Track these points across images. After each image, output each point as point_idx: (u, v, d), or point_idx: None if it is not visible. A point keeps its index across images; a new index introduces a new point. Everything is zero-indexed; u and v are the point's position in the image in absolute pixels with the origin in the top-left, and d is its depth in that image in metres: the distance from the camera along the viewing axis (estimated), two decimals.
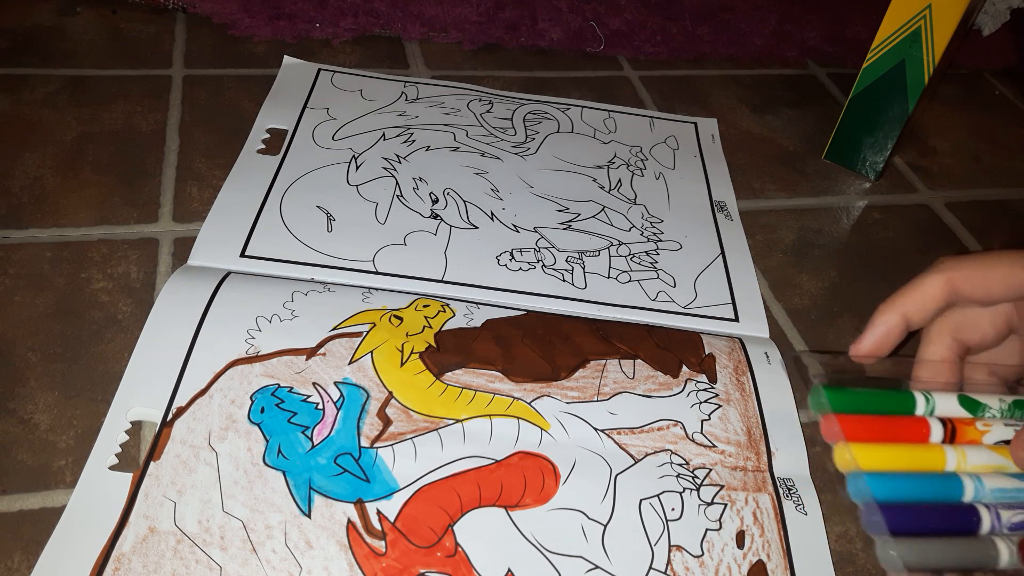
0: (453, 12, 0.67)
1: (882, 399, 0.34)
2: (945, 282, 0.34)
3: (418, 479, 0.36)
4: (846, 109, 0.59)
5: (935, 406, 0.34)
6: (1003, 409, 0.34)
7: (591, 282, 0.48)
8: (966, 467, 0.33)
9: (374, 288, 0.45)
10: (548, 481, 0.37)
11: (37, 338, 0.41)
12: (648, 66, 0.69)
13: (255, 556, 0.33)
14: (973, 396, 0.34)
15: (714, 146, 0.61)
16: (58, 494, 0.35)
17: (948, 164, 0.65)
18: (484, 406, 0.39)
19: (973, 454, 0.33)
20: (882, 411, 0.34)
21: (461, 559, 0.34)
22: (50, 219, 0.47)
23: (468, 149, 0.56)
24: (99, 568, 0.32)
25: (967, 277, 0.34)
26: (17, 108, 0.54)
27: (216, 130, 0.54)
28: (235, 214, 0.48)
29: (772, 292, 0.51)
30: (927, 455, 0.33)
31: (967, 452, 0.33)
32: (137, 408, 0.37)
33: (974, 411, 0.34)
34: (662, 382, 0.42)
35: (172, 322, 0.40)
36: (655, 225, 0.53)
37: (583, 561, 0.34)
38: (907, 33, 0.54)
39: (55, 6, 0.63)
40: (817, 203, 0.58)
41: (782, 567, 0.36)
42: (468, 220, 0.50)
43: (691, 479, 0.38)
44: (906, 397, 0.34)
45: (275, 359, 0.39)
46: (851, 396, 0.33)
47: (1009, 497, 0.32)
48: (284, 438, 0.36)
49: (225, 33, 0.63)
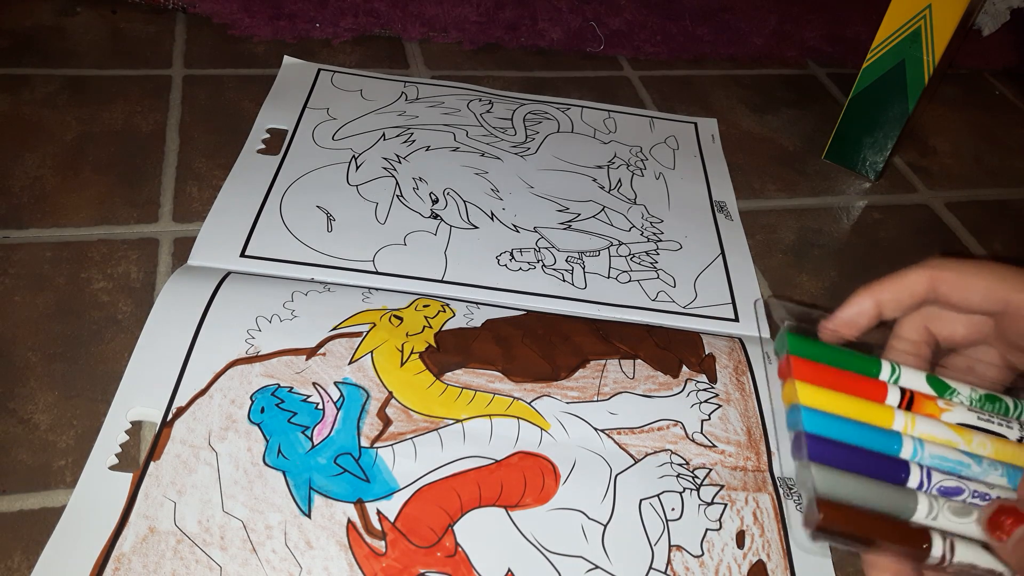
0: (453, 12, 0.67)
1: (847, 357, 0.34)
2: (927, 279, 0.34)
3: (418, 479, 0.36)
4: (846, 109, 0.59)
5: (900, 376, 0.33)
6: (973, 398, 0.34)
7: (591, 282, 0.48)
8: (912, 432, 0.32)
9: (374, 288, 0.45)
10: (548, 481, 0.37)
11: (37, 338, 0.41)
12: (648, 66, 0.69)
13: (255, 556, 0.33)
14: (944, 379, 0.33)
15: (714, 146, 0.61)
16: (58, 494, 0.35)
17: (948, 164, 0.65)
18: (484, 406, 0.39)
19: (924, 424, 0.32)
20: (844, 367, 0.33)
21: (461, 559, 0.34)
22: (50, 219, 0.47)
23: (468, 149, 0.56)
24: (99, 568, 0.32)
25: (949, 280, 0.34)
26: (17, 108, 0.54)
27: (216, 130, 0.54)
28: (235, 214, 0.48)
29: (772, 292, 0.51)
30: (874, 411, 0.32)
31: (917, 420, 0.32)
32: (137, 408, 0.37)
33: (941, 392, 0.33)
34: (662, 382, 0.42)
35: (172, 322, 0.40)
36: (655, 225, 0.53)
37: (583, 561, 0.34)
38: (907, 33, 0.54)
39: (55, 6, 0.63)
40: (817, 203, 0.58)
41: (782, 567, 0.36)
42: (468, 220, 0.50)
43: (691, 479, 0.38)
44: (872, 362, 0.34)
45: (275, 359, 0.39)
46: (815, 347, 0.33)
47: (948, 466, 0.31)
48: (284, 438, 0.36)
49: (225, 33, 0.63)
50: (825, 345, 0.34)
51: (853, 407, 0.32)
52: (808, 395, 0.32)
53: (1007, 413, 0.34)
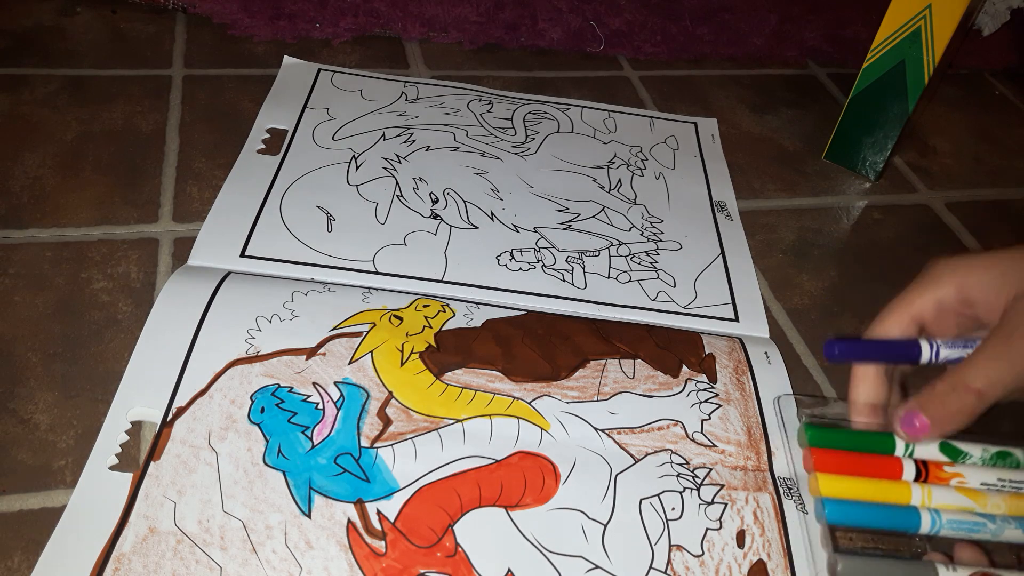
0: (453, 12, 0.67)
1: (863, 438, 0.37)
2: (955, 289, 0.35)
3: (418, 479, 0.36)
4: (846, 109, 0.59)
5: (914, 449, 0.36)
6: (985, 458, 0.36)
7: (591, 282, 0.48)
8: (929, 503, 0.35)
9: (374, 288, 0.45)
10: (548, 481, 0.37)
11: (37, 338, 0.41)
12: (648, 66, 0.69)
13: (255, 556, 0.33)
14: (955, 444, 0.36)
15: (714, 146, 0.61)
16: (58, 494, 0.35)
17: (948, 164, 0.65)
18: (484, 406, 0.39)
19: (940, 493, 0.35)
20: (862, 449, 0.36)
21: (461, 559, 0.34)
22: (50, 219, 0.47)
23: (468, 149, 0.56)
24: (99, 568, 0.32)
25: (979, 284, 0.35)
26: (17, 108, 0.54)
27: (216, 130, 0.54)
28: (235, 214, 0.48)
29: (772, 292, 0.51)
30: (892, 489, 0.35)
31: (933, 491, 0.35)
32: (137, 408, 0.37)
33: (954, 457, 0.36)
34: (662, 382, 0.42)
35: (172, 322, 0.40)
36: (655, 225, 0.53)
37: (583, 561, 0.34)
38: (907, 33, 0.54)
39: (55, 6, 0.63)
40: (817, 203, 0.58)
41: (782, 566, 0.36)
42: (468, 220, 0.50)
43: (691, 479, 0.38)
44: (887, 438, 0.36)
45: (275, 359, 0.39)
46: (833, 434, 0.37)
47: (964, 529, 0.34)
48: (284, 438, 0.36)
49: (225, 33, 0.63)
50: (840, 430, 0.37)
51: (873, 489, 0.35)
52: (830, 485, 0.35)
53: (1018, 466, 0.36)
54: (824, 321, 0.49)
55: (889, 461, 0.36)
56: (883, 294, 0.37)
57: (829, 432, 0.37)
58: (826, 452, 0.36)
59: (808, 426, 0.37)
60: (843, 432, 0.37)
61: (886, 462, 0.36)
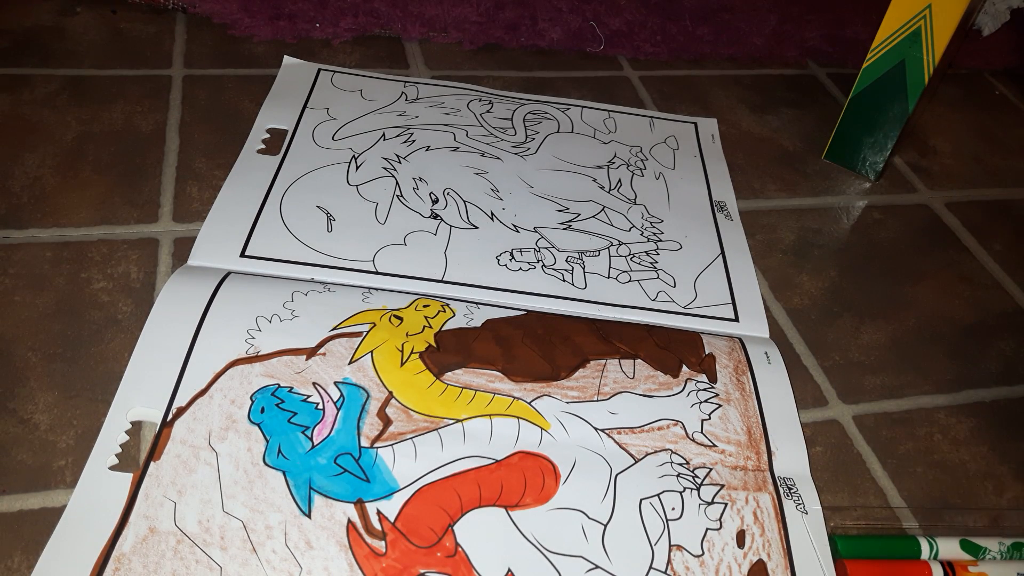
0: (453, 12, 0.67)
1: (891, 544, 0.38)
2: None
3: (418, 479, 0.36)
4: (846, 109, 0.59)
5: (938, 550, 0.38)
6: (1002, 551, 0.38)
7: (591, 282, 0.48)
8: None
9: (374, 288, 0.45)
10: (548, 481, 0.37)
11: (37, 338, 0.41)
12: (648, 66, 0.69)
13: (255, 556, 0.33)
14: (973, 540, 0.38)
15: (714, 146, 0.61)
16: (58, 494, 0.35)
17: (948, 164, 0.65)
18: (484, 406, 0.39)
19: None
20: (890, 555, 0.38)
21: (461, 559, 0.34)
22: (50, 219, 0.47)
23: (468, 149, 0.56)
24: (99, 568, 0.32)
25: None
26: (17, 108, 0.54)
27: (216, 130, 0.54)
28: (235, 214, 0.48)
29: (772, 292, 0.51)
30: None
31: None
32: (137, 408, 0.37)
33: (975, 554, 0.38)
34: (662, 382, 0.42)
35: (172, 322, 0.40)
36: (655, 225, 0.53)
37: (583, 561, 0.34)
38: (907, 33, 0.54)
39: (55, 6, 0.63)
40: (817, 203, 0.58)
41: (782, 566, 0.36)
42: (468, 220, 0.50)
43: (691, 479, 0.38)
44: (912, 542, 0.38)
45: (275, 359, 0.39)
46: (863, 543, 0.38)
47: None
48: (284, 438, 0.36)
49: (225, 33, 0.63)
50: (869, 538, 0.39)
51: None
52: None
53: None
54: (824, 321, 0.49)
55: (917, 566, 0.37)
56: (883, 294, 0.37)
57: (860, 540, 0.38)
58: (858, 563, 0.37)
59: (838, 537, 0.38)
60: (872, 539, 0.39)
61: (915, 567, 0.37)
